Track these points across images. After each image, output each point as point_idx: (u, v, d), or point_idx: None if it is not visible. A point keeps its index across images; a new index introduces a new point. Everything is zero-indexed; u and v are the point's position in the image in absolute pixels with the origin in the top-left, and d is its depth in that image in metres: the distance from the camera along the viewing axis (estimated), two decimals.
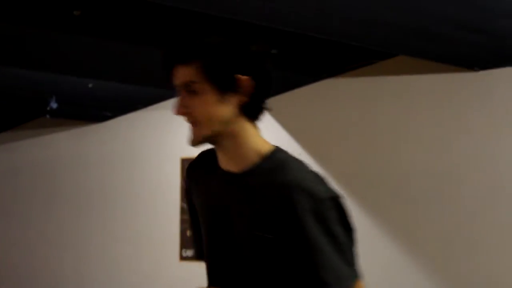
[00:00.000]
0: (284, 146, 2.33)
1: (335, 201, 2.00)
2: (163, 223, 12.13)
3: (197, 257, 2.19)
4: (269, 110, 2.03)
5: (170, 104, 11.96)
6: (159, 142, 12.47)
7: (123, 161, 12.47)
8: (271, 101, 2.17)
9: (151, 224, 12.26)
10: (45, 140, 13.52)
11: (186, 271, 11.75)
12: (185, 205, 12.05)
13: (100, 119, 12.33)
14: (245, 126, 1.98)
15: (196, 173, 2.18)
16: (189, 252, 11.87)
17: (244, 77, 1.93)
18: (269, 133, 9.41)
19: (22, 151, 13.93)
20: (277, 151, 2.03)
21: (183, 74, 1.90)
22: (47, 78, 9.32)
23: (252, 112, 1.99)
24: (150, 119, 12.62)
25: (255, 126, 2.02)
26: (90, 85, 9.84)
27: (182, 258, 11.82)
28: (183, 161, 11.89)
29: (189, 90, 1.91)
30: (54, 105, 11.22)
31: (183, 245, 11.95)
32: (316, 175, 1.99)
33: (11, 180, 13.79)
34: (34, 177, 13.65)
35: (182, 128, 10.38)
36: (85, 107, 11.76)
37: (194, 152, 2.42)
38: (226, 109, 1.91)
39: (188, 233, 11.96)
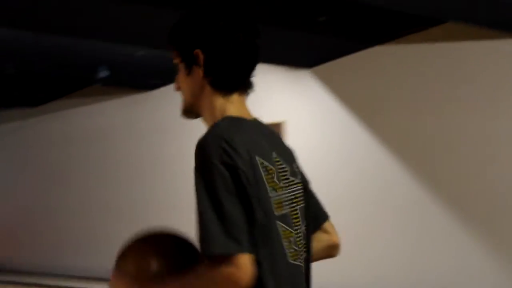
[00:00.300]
0: (333, 112, 2.37)
1: (199, 144, 1.89)
2: None
3: None
4: (243, 81, 1.98)
5: None
6: None
7: (173, 129, 12.56)
8: (321, 68, 2.20)
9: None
10: (96, 108, 13.69)
11: None
12: None
13: (150, 87, 12.43)
14: (212, 97, 1.95)
15: None
16: None
17: (197, 51, 1.95)
18: (319, 99, 9.42)
19: (74, 119, 14.12)
20: (222, 119, 1.90)
21: (173, 57, 2.05)
22: (99, 47, 9.43)
23: (216, 83, 1.94)
24: None
25: (225, 96, 1.94)
26: (140, 53, 9.93)
27: None
28: None
29: (176, 69, 2.02)
30: (105, 73, 11.35)
31: None
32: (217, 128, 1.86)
33: (64, 148, 14.00)
34: (86, 145, 13.85)
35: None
36: (135, 75, 11.87)
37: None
38: (192, 82, 1.95)
39: None
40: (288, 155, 2.01)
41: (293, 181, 1.97)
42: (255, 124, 1.96)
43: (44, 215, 14.54)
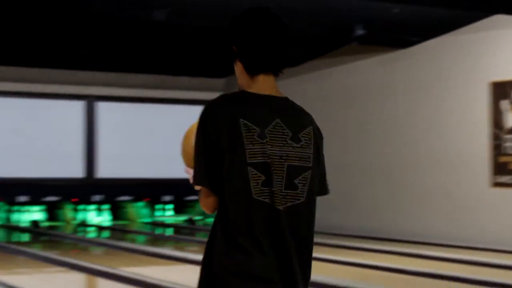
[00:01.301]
0: None
1: (203, 110, 2.53)
2: (471, 148, 11.91)
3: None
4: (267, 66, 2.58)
5: (478, 26, 11.56)
6: (467, 67, 12.14)
7: (430, 86, 12.32)
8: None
9: (459, 150, 12.08)
10: (352, 67, 13.74)
11: (499, 197, 11.47)
12: (496, 131, 11.69)
13: (406, 44, 12.25)
14: (245, 78, 2.58)
15: None
16: (503, 178, 11.56)
17: (234, 47, 2.59)
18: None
19: (330, 78, 14.28)
20: (232, 92, 2.58)
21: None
22: (354, 4, 9.40)
23: (246, 68, 2.57)
24: (457, 43, 12.33)
25: (252, 79, 2.57)
26: (396, 10, 9.77)
27: (495, 184, 11.57)
28: (494, 85, 11.52)
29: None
30: (361, 31, 11.33)
31: (496, 171, 11.67)
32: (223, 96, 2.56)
33: (321, 107, 14.21)
34: (343, 104, 13.97)
35: (493, 51, 10.03)
36: (391, 32, 11.73)
37: (505, 76, 2.30)
38: (237, 69, 2.59)
39: (500, 159, 11.64)
40: (296, 125, 2.54)
41: (291, 144, 2.51)
42: (264, 97, 2.54)
43: None
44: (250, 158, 2.44)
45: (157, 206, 17.30)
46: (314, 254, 2.61)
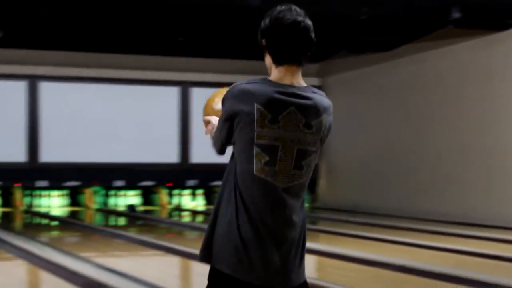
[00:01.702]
0: None
1: (229, 89, 2.87)
2: None
3: None
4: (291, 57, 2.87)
5: None
6: None
7: None
8: None
9: None
10: (448, 51, 13.50)
11: None
12: None
13: (504, 27, 11.97)
14: (272, 68, 2.89)
15: None
16: None
17: (263, 40, 2.88)
18: None
19: (425, 62, 14.07)
20: (257, 79, 2.89)
21: None
22: None
23: (273, 59, 2.86)
24: None
25: (277, 69, 2.87)
26: None
27: None
28: None
29: None
30: (457, 14, 11.11)
31: None
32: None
33: (417, 90, 14.03)
34: (439, 88, 13.75)
35: None
36: (488, 15, 11.47)
37: None
38: (267, 60, 2.89)
39: None
40: (310, 113, 2.83)
41: (303, 130, 2.81)
42: (284, 86, 2.82)
43: (395, 157, 14.73)
44: (257, 139, 2.78)
45: None
46: (412, 241, 2.62)
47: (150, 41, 15.03)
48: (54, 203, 16.07)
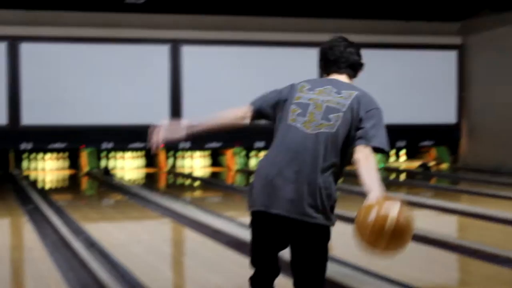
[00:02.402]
0: None
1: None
2: None
3: None
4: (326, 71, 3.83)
5: None
6: None
7: None
8: None
9: None
10: None
11: None
12: None
13: None
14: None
15: None
16: None
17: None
18: None
19: None
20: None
21: None
22: None
23: (322, 70, 3.83)
24: None
25: (324, 74, 3.81)
26: None
27: None
28: None
29: None
30: None
31: None
32: None
33: None
34: None
35: None
36: None
37: None
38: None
39: None
40: (342, 87, 3.62)
41: (334, 95, 3.59)
42: (326, 78, 3.74)
43: None
44: (295, 99, 3.60)
45: (389, 152, 17.32)
46: None
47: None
48: (196, 164, 16.50)
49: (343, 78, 3.69)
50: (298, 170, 3.44)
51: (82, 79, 15.17)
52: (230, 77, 15.86)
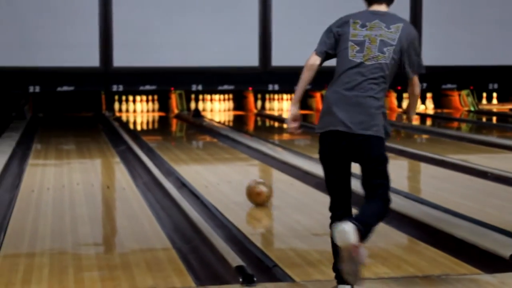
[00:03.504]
0: None
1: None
2: None
3: None
4: None
5: None
6: None
7: None
8: None
9: None
10: None
11: None
12: None
13: None
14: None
15: None
16: None
17: None
18: None
19: None
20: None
21: None
22: None
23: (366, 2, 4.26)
24: None
25: (369, 7, 4.22)
26: None
27: None
28: None
29: None
30: None
31: None
32: None
33: None
34: None
35: None
36: None
37: None
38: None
39: None
40: (389, 21, 4.09)
41: (384, 30, 4.07)
42: (371, 10, 4.14)
43: None
44: (351, 37, 4.08)
45: (481, 94, 16.98)
46: None
47: None
48: (285, 106, 16.50)
49: (383, 7, 4.14)
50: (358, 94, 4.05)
51: (172, 20, 15.26)
52: (320, 16, 15.65)
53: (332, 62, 4.20)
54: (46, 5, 14.85)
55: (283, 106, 16.49)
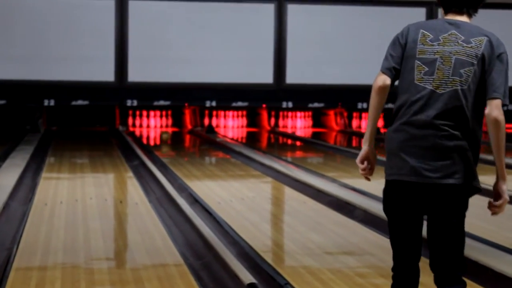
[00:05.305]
0: None
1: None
2: None
3: None
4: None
5: None
6: None
7: None
8: None
9: None
10: None
11: None
12: None
13: None
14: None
15: None
16: None
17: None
18: None
19: None
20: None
21: None
22: None
23: (444, 9, 3.39)
24: None
25: (446, 16, 3.37)
26: None
27: None
28: None
29: None
30: None
31: None
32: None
33: None
34: None
35: None
36: None
37: None
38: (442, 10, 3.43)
39: None
40: (470, 34, 3.23)
41: (461, 44, 3.22)
42: (446, 19, 3.32)
43: None
44: (419, 54, 3.24)
45: None
46: None
47: None
48: (299, 124, 16.51)
49: (464, 18, 3.28)
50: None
51: (187, 36, 15.33)
52: (335, 36, 15.68)
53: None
54: (62, 19, 14.95)
55: (296, 123, 16.50)
